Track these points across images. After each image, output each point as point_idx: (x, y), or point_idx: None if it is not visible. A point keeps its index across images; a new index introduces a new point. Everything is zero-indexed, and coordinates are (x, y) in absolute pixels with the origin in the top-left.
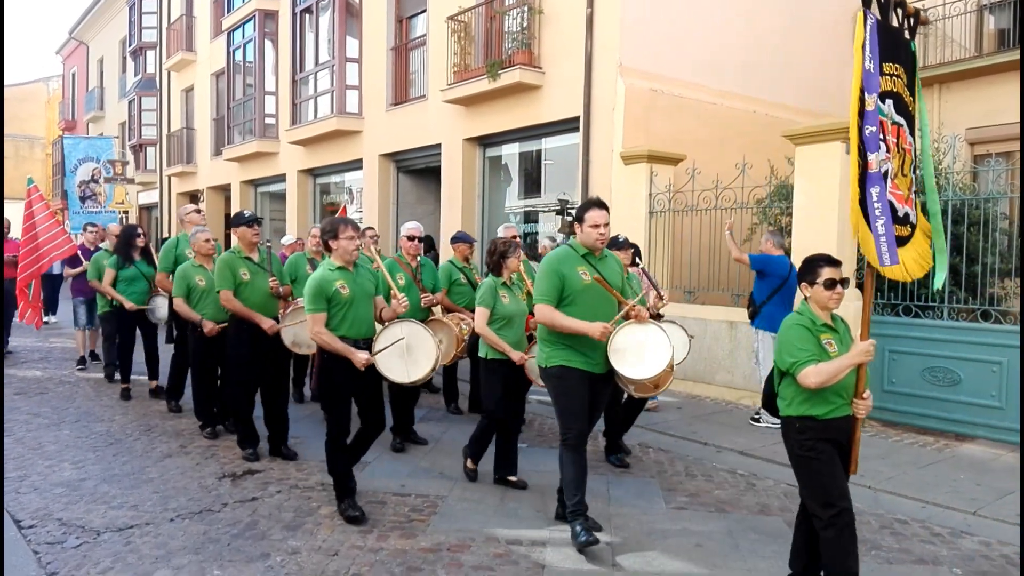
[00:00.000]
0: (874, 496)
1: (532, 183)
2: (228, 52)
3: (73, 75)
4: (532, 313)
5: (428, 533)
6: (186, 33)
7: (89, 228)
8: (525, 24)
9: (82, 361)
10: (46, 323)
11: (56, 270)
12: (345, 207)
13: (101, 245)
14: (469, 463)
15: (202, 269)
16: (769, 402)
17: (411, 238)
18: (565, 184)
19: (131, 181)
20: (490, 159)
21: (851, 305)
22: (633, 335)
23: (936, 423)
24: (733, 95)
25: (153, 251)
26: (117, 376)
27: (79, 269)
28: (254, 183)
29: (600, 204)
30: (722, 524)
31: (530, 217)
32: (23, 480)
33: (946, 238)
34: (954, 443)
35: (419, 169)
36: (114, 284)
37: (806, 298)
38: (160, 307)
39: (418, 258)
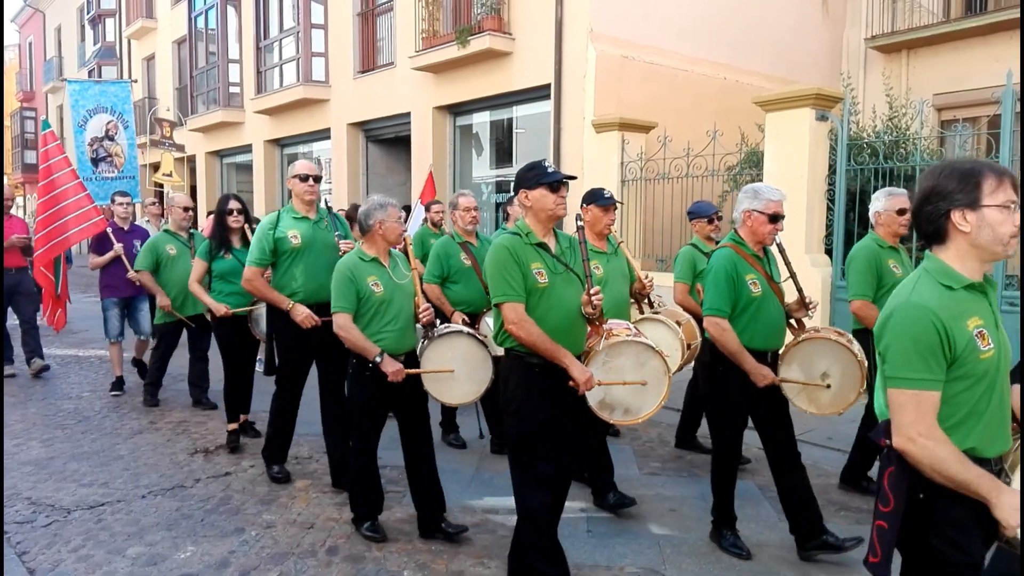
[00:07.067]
0: (844, 459)
1: (503, 152)
2: (190, 19)
3: (30, 44)
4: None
5: (404, 504)
6: None
7: (118, 200)
8: None
9: (119, 383)
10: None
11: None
12: (432, 173)
13: (165, 225)
14: None
15: (377, 265)
16: None
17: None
18: (536, 153)
19: (181, 148)
20: (460, 128)
21: (820, 271)
22: None
23: None
24: (704, 62)
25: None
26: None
27: (108, 256)
28: (219, 154)
29: None
30: (695, 489)
31: (502, 187)
32: None
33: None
34: None
35: (389, 138)
36: (206, 282)
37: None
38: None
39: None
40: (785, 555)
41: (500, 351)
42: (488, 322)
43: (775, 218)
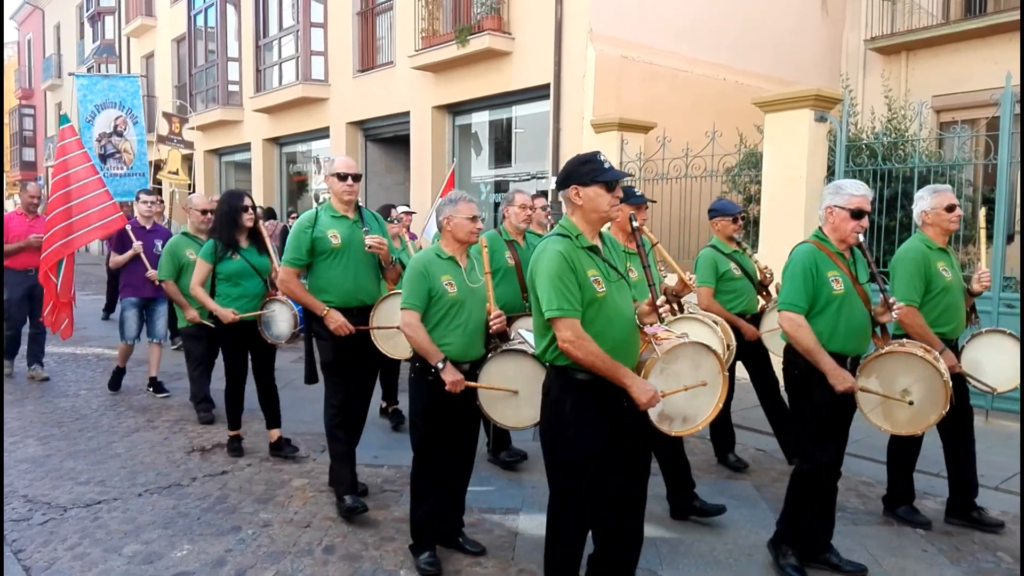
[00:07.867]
0: (849, 462)
1: (503, 152)
2: (189, 17)
3: (29, 41)
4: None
5: (401, 504)
6: None
7: (144, 198)
8: None
9: (117, 378)
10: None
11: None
12: (453, 171)
13: (184, 226)
14: None
15: (453, 264)
16: None
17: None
18: (536, 153)
19: (189, 145)
20: (460, 127)
21: None
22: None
23: None
24: (703, 62)
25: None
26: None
27: (128, 255)
28: (218, 152)
29: None
30: None
31: (501, 187)
32: None
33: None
34: None
35: (388, 138)
36: (210, 284)
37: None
38: (280, 319)
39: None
40: None
41: None
42: (521, 331)
43: (858, 214)
